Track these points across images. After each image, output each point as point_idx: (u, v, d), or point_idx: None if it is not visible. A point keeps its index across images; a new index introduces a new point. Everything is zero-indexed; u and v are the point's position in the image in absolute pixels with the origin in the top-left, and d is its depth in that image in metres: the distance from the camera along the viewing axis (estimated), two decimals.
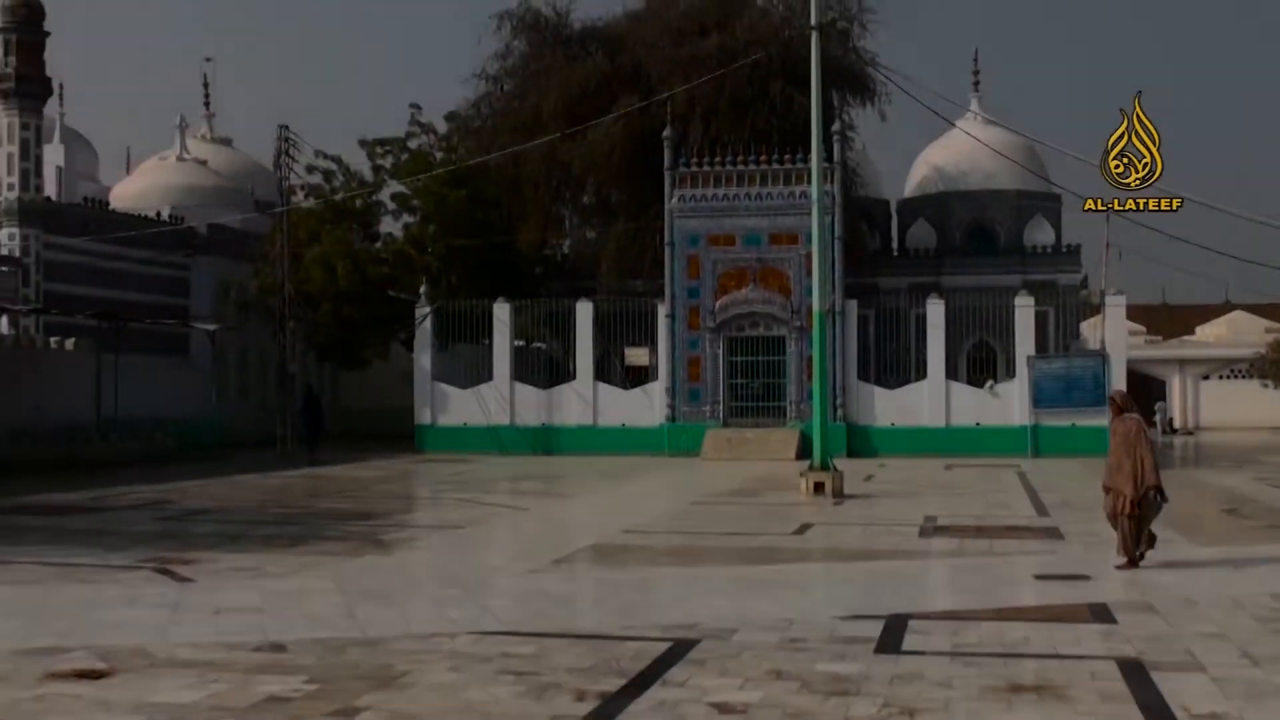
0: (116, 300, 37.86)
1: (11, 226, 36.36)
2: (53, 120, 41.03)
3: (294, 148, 36.68)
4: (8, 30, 36.13)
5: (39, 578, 12.80)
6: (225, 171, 50.00)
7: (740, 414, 35.32)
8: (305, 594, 11.64)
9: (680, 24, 38.86)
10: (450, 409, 37.27)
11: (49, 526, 17.95)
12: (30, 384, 31.48)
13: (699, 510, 20.85)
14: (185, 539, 16.45)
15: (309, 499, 23.24)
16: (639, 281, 38.39)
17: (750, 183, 35.22)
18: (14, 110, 36.19)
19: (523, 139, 37.71)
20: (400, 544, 16.01)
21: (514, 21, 40.80)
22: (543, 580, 12.76)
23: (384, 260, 40.35)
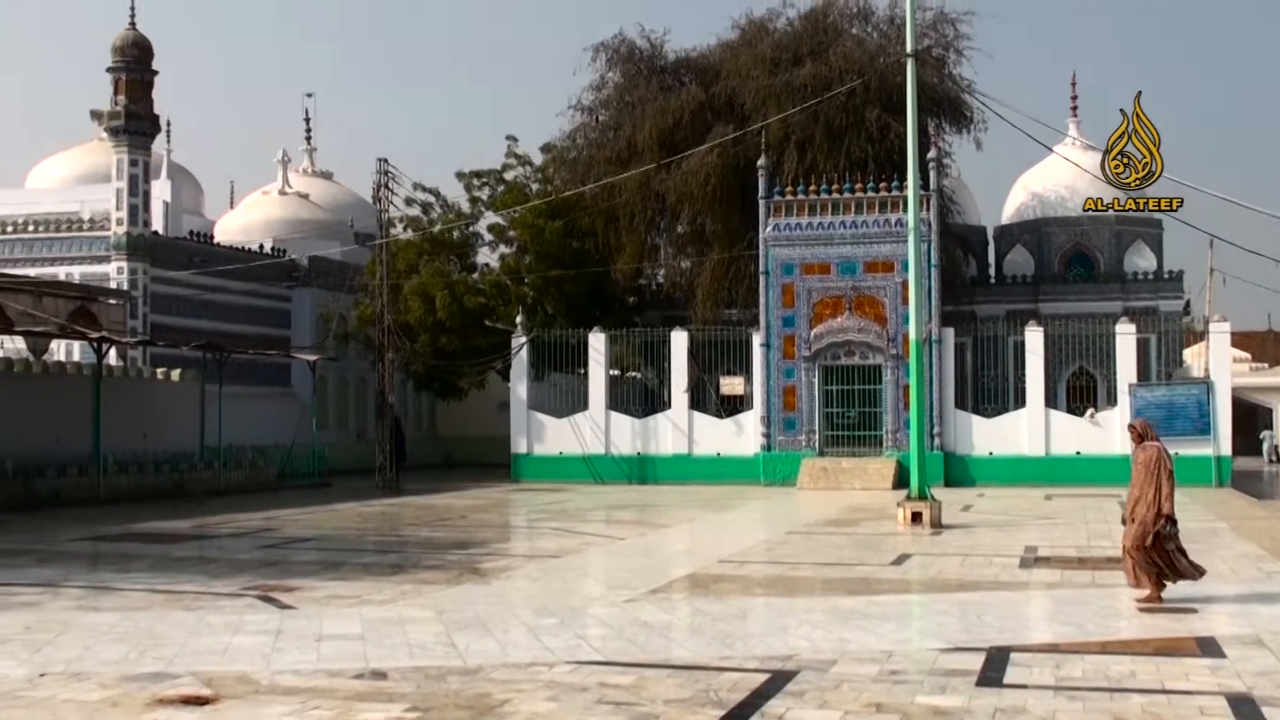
0: (220, 331, 38.64)
1: (120, 260, 37.30)
2: (160, 156, 41.95)
3: (393, 180, 37.18)
4: (117, 69, 37.13)
5: (147, 604, 13.06)
6: (326, 204, 50.85)
7: (836, 443, 35.12)
8: (405, 622, 11.75)
9: (774, 53, 38.87)
10: (546, 438, 37.47)
11: (156, 554, 18.29)
12: (138, 414, 32.16)
13: (795, 540, 20.74)
14: (287, 566, 16.68)
15: (407, 527, 23.47)
16: (734, 310, 38.38)
17: (845, 211, 35.11)
18: (123, 147, 37.16)
19: (618, 169, 37.93)
20: (498, 573, 16.11)
21: (609, 53, 41.10)
22: (639, 610, 12.76)
23: (481, 291, 40.74)
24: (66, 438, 29.43)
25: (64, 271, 37.59)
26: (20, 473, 27.34)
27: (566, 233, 40.38)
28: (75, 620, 11.91)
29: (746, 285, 37.45)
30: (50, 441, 28.79)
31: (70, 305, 31.99)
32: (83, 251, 38.23)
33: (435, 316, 39.68)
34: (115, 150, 37.70)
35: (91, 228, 38.31)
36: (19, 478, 27.28)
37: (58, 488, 27.98)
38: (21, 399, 29.33)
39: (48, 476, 27.97)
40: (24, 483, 27.33)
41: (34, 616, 12.09)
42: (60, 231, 38.76)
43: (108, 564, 17.30)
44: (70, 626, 11.51)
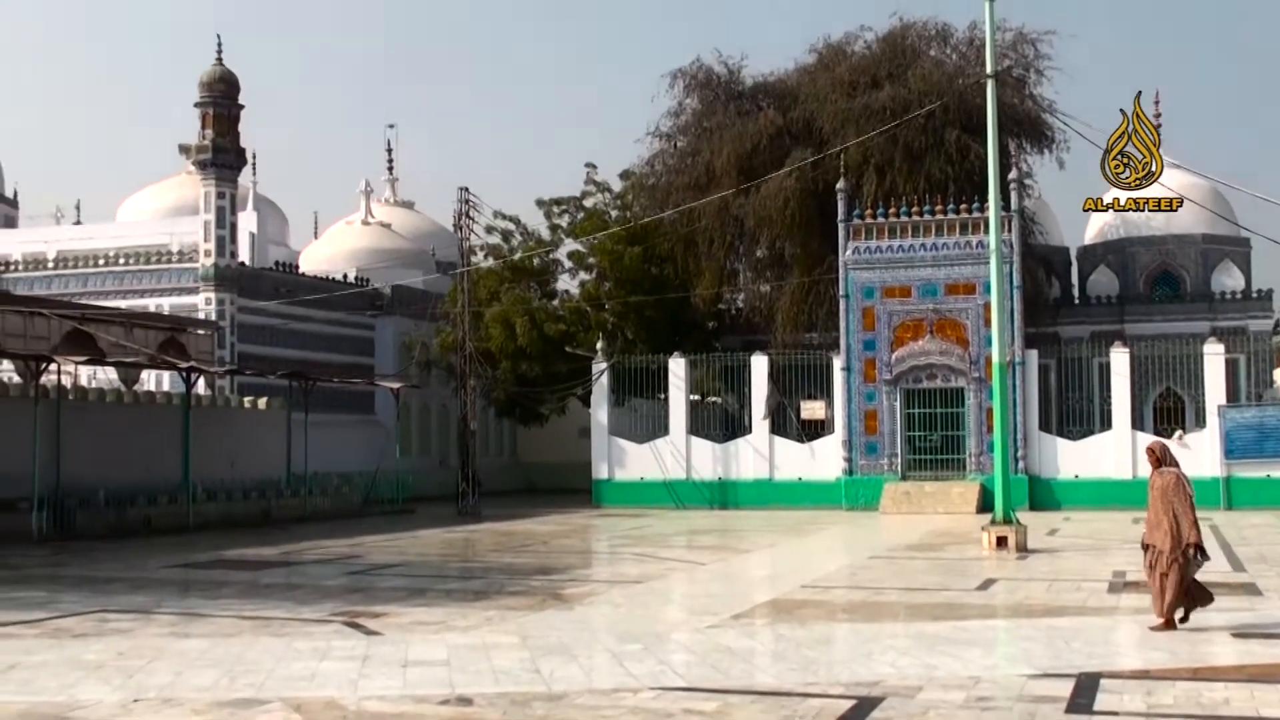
0: (306, 360, 39.18)
1: (208, 291, 37.96)
2: (246, 189, 42.70)
3: (474, 209, 37.55)
4: (205, 104, 37.87)
5: (236, 630, 13.24)
6: (408, 234, 51.41)
7: (919, 467, 34.86)
8: (490, 648, 11.82)
9: (852, 76, 38.78)
10: (627, 464, 37.54)
11: (244, 581, 18.55)
12: (226, 442, 32.67)
13: (879, 565, 20.60)
14: (373, 593, 16.83)
15: (490, 553, 23.60)
16: (814, 334, 38.26)
17: (926, 233, 34.92)
18: (211, 180, 37.87)
19: (696, 195, 38.00)
20: (581, 598, 16.15)
21: (686, 79, 41.21)
22: (722, 636, 12.74)
23: (561, 317, 40.96)
24: (157, 466, 29.96)
25: (154, 303, 38.31)
26: (112, 501, 27.86)
27: (646, 258, 40.51)
28: (167, 646, 12.10)
29: (826, 309, 37.33)
30: (141, 470, 29.31)
31: (160, 336, 32.63)
32: (172, 283, 38.95)
33: (516, 343, 39.94)
34: (203, 183, 38.42)
35: (180, 260, 39.02)
36: (111, 506, 27.80)
37: (148, 515, 28.46)
38: (113, 428, 29.90)
39: (138, 504, 28.47)
40: (116, 511, 27.85)
41: (127, 643, 12.30)
42: (150, 264, 39.52)
43: (198, 591, 17.57)
44: (162, 652, 11.70)
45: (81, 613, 14.57)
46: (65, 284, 40.12)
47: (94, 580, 18.41)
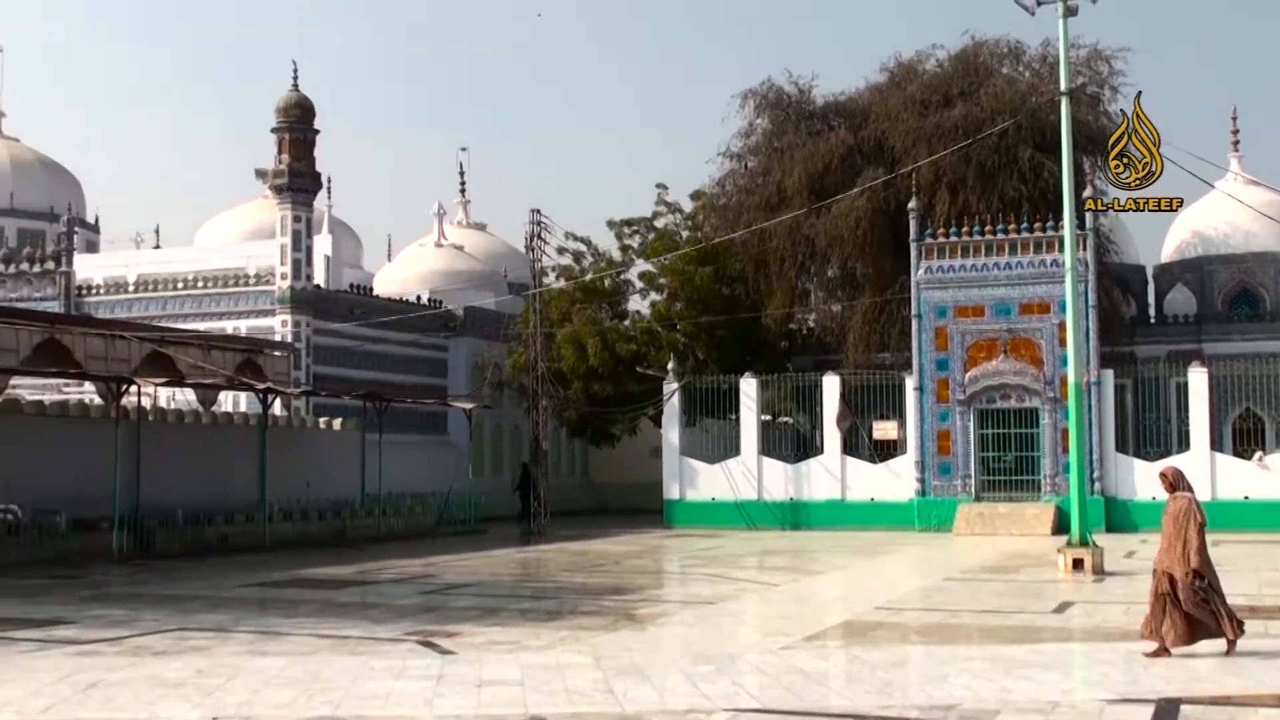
0: (380, 381, 39.53)
1: (285, 313, 38.45)
2: (321, 212, 43.21)
3: (545, 230, 37.78)
4: (281, 129, 38.42)
5: (313, 649, 13.38)
6: (480, 255, 51.79)
7: (993, 488, 34.55)
8: (563, 668, 11.86)
9: (924, 95, 38.63)
10: (698, 484, 37.52)
11: (320, 599, 18.73)
12: (301, 462, 33.01)
13: (953, 587, 20.45)
14: (446, 612, 16.94)
15: (563, 573, 23.68)
16: (886, 354, 38.07)
17: (999, 252, 34.67)
18: (287, 204, 38.38)
19: (767, 215, 37.99)
20: (653, 619, 16.17)
21: (757, 99, 41.22)
22: (795, 657, 12.71)
23: (633, 338, 41.06)
24: (234, 486, 30.34)
25: (231, 325, 38.84)
26: (191, 520, 28.24)
27: (717, 279, 40.53)
28: (245, 664, 12.26)
29: (899, 329, 37.16)
30: (218, 490, 29.70)
31: (237, 358, 33.07)
32: (249, 306, 39.49)
33: (588, 364, 40.09)
34: (279, 207, 38.94)
35: (257, 283, 39.55)
36: (189, 525, 28.18)
37: (226, 534, 28.83)
38: (192, 449, 30.34)
39: (216, 524, 28.84)
40: (194, 530, 28.23)
41: (206, 661, 12.47)
42: (227, 287, 40.08)
43: (274, 609, 17.77)
44: (240, 670, 11.85)
45: (161, 630, 14.79)
46: (145, 307, 40.77)
47: (173, 598, 18.67)
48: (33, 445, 26.64)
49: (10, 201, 50.34)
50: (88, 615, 16.26)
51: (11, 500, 25.33)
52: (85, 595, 19.09)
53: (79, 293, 42.23)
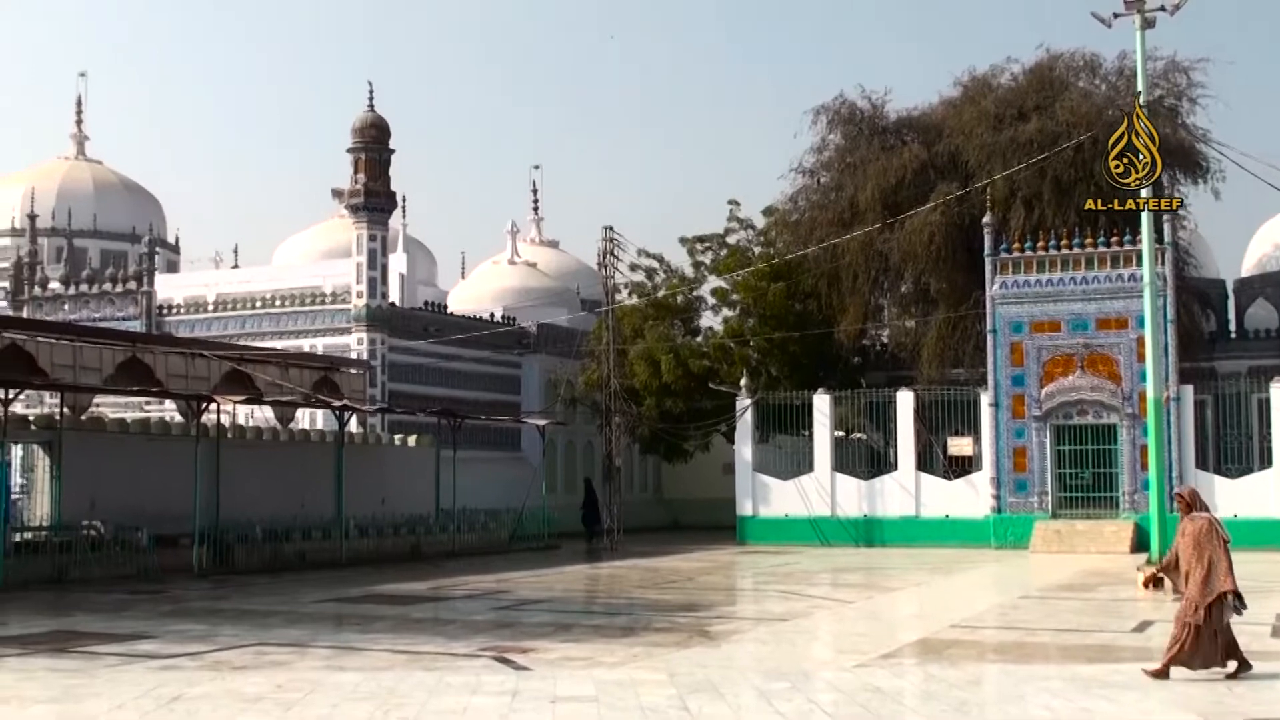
0: (454, 398, 39.82)
1: (360, 331, 38.85)
2: (396, 231, 43.65)
3: (618, 247, 37.90)
4: (357, 149, 38.86)
5: (389, 664, 13.51)
6: (553, 273, 52.06)
7: (1070, 505, 34.15)
8: (637, 684, 11.88)
9: (998, 109, 38.33)
10: (771, 500, 37.41)
11: (396, 615, 18.89)
12: (377, 479, 33.31)
13: (1030, 605, 20.25)
14: (521, 628, 17.03)
15: (636, 589, 23.70)
16: (960, 370, 37.78)
17: (1075, 267, 34.32)
18: (362, 223, 38.81)
19: (840, 230, 37.85)
20: (727, 635, 16.16)
21: (829, 115, 41.11)
22: (871, 675, 12.65)
23: (705, 354, 41.06)
24: (311, 502, 30.66)
25: (308, 343, 39.30)
26: (269, 536, 28.58)
27: (790, 295, 40.43)
28: (323, 679, 12.40)
29: (973, 344, 36.87)
30: (296, 506, 30.03)
31: (314, 375, 33.47)
32: (325, 324, 39.93)
33: (660, 380, 40.13)
34: (355, 226, 39.37)
35: (333, 301, 39.99)
36: (268, 541, 28.52)
37: (303, 550, 29.15)
38: (270, 466, 30.71)
39: (294, 540, 29.16)
40: (272, 546, 28.56)
41: (285, 675, 12.63)
42: (304, 305, 40.57)
43: (351, 625, 17.95)
44: (319, 685, 11.99)
45: (240, 645, 15.00)
46: (224, 326, 41.36)
47: (252, 614, 18.91)
48: (116, 462, 27.12)
49: (94, 223, 51.33)
50: (169, 630, 16.51)
51: (95, 517, 25.80)
52: (166, 610, 19.38)
53: (160, 312, 42.94)
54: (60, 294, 45.04)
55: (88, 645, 14.88)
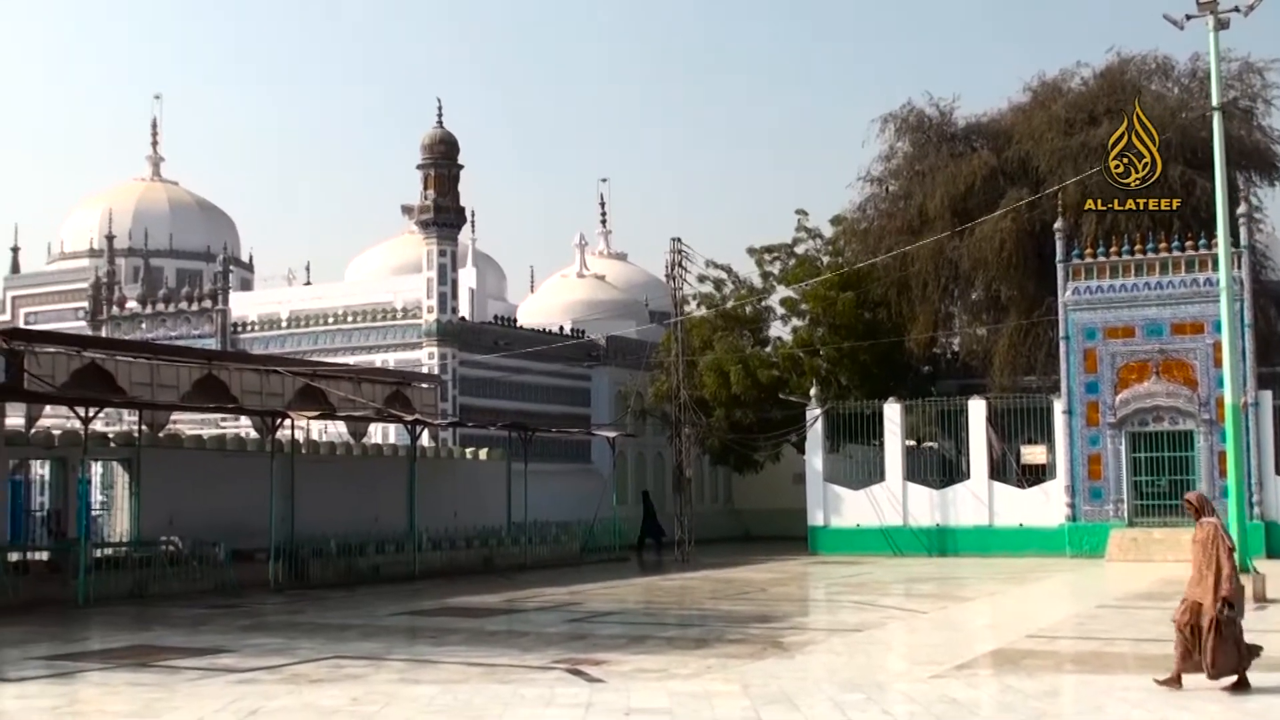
0: (524, 411, 40.01)
1: (431, 346, 39.13)
2: (466, 246, 43.94)
3: (686, 259, 37.90)
4: (426, 165, 39.16)
5: (464, 676, 13.60)
6: (621, 285, 52.17)
7: (1146, 513, 33.70)
8: (711, 696, 11.88)
9: (1068, 114, 37.98)
10: (843, 510, 37.26)
11: (470, 628, 19.00)
12: (449, 492, 33.54)
13: (1107, 614, 20.02)
14: (594, 640, 17.08)
15: (708, 601, 23.69)
16: (1032, 377, 37.41)
17: (1149, 271, 33.91)
18: (432, 239, 39.10)
19: (909, 239, 37.66)
20: (800, 647, 16.10)
21: (897, 123, 40.90)
22: (946, 686, 12.57)
23: (774, 364, 40.98)
24: (384, 516, 30.92)
25: (380, 358, 39.61)
26: (343, 550, 28.85)
27: (859, 304, 40.26)
28: (399, 692, 12.50)
29: (1045, 351, 36.50)
30: (369, 520, 30.30)
31: (386, 390, 33.79)
32: (397, 339, 40.24)
33: (730, 391, 40.09)
34: (425, 242, 39.67)
35: (404, 316, 40.30)
36: (342, 555, 28.78)
37: (377, 564, 29.38)
38: (343, 480, 31.01)
39: (368, 554, 29.40)
40: (346, 560, 28.83)
41: (361, 689, 12.75)
42: (376, 321, 40.91)
43: (425, 637, 18.07)
44: (394, 699, 12.09)
45: (317, 659, 15.15)
46: (297, 342, 41.80)
47: (327, 627, 19.10)
48: (193, 479, 27.51)
49: (170, 243, 52.10)
50: (247, 644, 16.71)
51: (173, 532, 26.17)
52: (244, 624, 19.62)
53: (234, 329, 43.49)
54: (137, 313, 45.75)
55: (168, 659, 15.10)
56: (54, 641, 17.31)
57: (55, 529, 26.30)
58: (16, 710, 12.29)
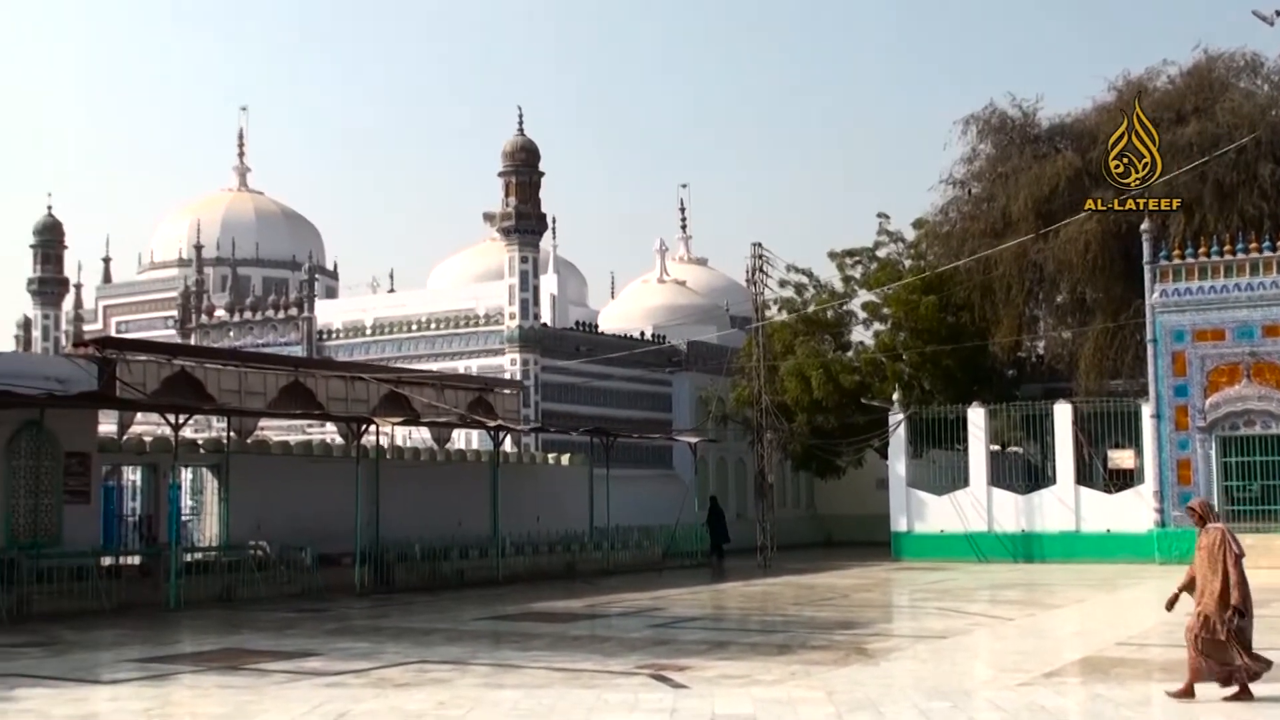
0: (606, 416, 40.14)
1: (513, 352, 39.39)
2: (547, 252, 44.19)
3: (766, 263, 37.82)
4: (507, 173, 39.43)
5: (548, 681, 13.65)
6: (702, 290, 52.17)
7: (1237, 518, 32.96)
8: (795, 703, 11.84)
9: (1155, 113, 37.24)
10: (926, 516, 36.97)
11: (553, 633, 19.08)
12: (532, 497, 33.72)
13: None
14: (677, 645, 17.07)
15: (791, 606, 23.61)
16: (1119, 381, 36.91)
17: (1239, 273, 33.30)
18: (514, 246, 39.36)
19: (992, 241, 37.31)
20: (885, 653, 16.00)
21: (979, 124, 40.53)
22: (1034, 694, 12.43)
23: (856, 369, 40.77)
24: (467, 521, 31.13)
25: (463, 365, 39.95)
26: (427, 555, 29.09)
27: (941, 307, 39.94)
28: (483, 697, 12.58)
29: (1132, 354, 35.99)
30: (453, 525, 30.52)
31: (469, 396, 34.05)
32: (479, 345, 40.55)
33: (811, 396, 39.93)
34: (507, 249, 39.94)
35: (486, 323, 40.61)
36: (426, 560, 29.03)
37: (461, 569, 29.59)
38: (428, 485, 31.27)
39: (451, 558, 29.63)
40: (430, 564, 29.07)
41: (446, 693, 12.85)
42: (458, 328, 41.25)
43: (510, 642, 18.17)
44: (479, 703, 12.17)
45: (403, 663, 15.29)
46: (381, 349, 42.27)
47: (412, 631, 19.26)
48: (280, 484, 27.88)
49: (256, 252, 52.90)
50: (333, 648, 16.91)
51: (261, 537, 26.55)
52: (330, 628, 19.85)
53: (320, 337, 44.05)
54: (225, 321, 46.49)
55: (257, 662, 15.31)
56: (146, 644, 17.62)
57: (147, 534, 26.75)
58: (110, 712, 12.54)
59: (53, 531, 23.66)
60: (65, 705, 12.39)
